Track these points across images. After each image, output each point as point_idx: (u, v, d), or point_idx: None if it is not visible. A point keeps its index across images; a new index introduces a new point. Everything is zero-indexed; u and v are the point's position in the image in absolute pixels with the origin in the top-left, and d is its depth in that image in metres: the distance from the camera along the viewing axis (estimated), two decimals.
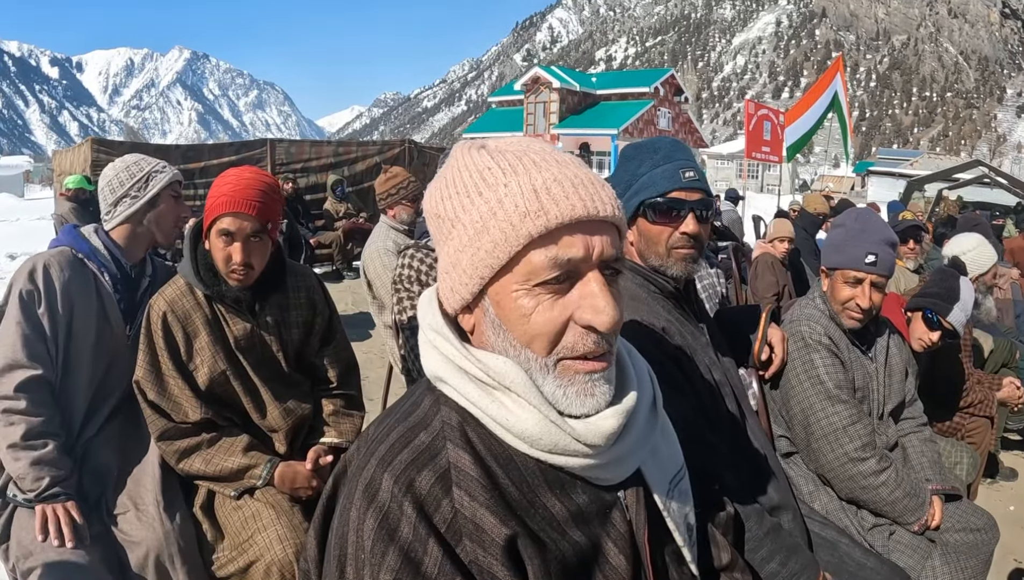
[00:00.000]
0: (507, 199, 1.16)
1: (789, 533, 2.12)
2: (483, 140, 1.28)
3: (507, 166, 1.20)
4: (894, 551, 2.74)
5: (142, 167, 2.95)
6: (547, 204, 1.14)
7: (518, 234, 1.14)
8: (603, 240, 1.19)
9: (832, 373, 2.86)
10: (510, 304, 1.18)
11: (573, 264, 1.16)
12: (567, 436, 1.19)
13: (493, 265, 1.17)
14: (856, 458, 2.77)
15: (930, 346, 3.69)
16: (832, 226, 3.11)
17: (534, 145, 1.26)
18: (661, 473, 1.44)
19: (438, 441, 1.22)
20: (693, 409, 2.01)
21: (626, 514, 1.34)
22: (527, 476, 1.24)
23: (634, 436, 1.31)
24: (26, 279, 2.71)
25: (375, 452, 1.24)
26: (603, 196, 1.20)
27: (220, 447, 2.75)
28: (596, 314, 1.15)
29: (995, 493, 5.48)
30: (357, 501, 1.19)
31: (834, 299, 3.00)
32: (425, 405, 1.30)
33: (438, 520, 1.15)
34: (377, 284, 5.06)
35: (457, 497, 1.17)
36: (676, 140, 2.28)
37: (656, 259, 2.21)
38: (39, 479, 2.56)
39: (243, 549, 2.63)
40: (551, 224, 1.14)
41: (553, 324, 1.16)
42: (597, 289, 1.16)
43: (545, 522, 1.23)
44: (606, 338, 1.19)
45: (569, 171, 1.20)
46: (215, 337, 2.78)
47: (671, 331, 2.11)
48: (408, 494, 1.15)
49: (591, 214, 1.16)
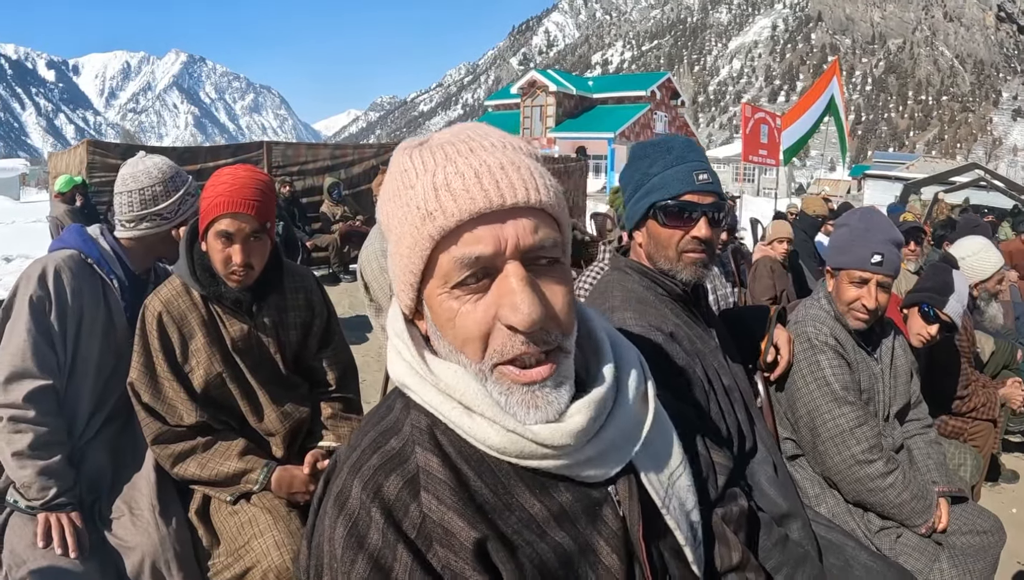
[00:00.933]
0: (412, 202, 1.13)
1: (798, 543, 2.07)
2: (428, 136, 1.23)
3: (420, 165, 1.16)
4: (901, 554, 2.71)
5: (178, 186, 2.92)
6: (445, 202, 1.09)
7: (422, 237, 1.11)
8: (519, 229, 1.11)
9: (838, 374, 2.83)
10: (438, 308, 1.15)
11: (485, 261, 1.10)
12: (531, 443, 1.15)
13: (414, 270, 1.15)
14: (863, 460, 2.74)
15: (929, 340, 3.68)
16: (836, 225, 3.07)
17: (463, 132, 1.21)
18: (657, 467, 1.37)
19: (407, 446, 1.20)
20: (701, 416, 1.96)
21: (618, 510, 1.29)
22: (501, 477, 1.20)
23: (617, 430, 1.26)
24: (36, 284, 2.64)
25: (348, 459, 1.22)
26: (515, 181, 1.11)
27: (216, 451, 2.70)
28: (514, 312, 1.08)
29: (997, 495, 5.46)
30: (329, 510, 1.17)
31: (839, 300, 2.96)
32: (396, 410, 1.28)
33: (407, 525, 1.12)
34: (374, 286, 5.00)
35: (425, 501, 1.14)
36: (689, 140, 2.23)
37: (665, 262, 2.17)
38: (46, 488, 2.52)
39: (239, 555, 2.57)
40: (448, 223, 1.09)
41: (478, 326, 1.11)
42: (515, 284, 1.09)
43: (522, 524, 1.19)
44: (539, 337, 1.11)
45: (476, 160, 1.13)
46: (211, 338, 2.73)
47: (679, 336, 2.06)
48: (376, 500, 1.13)
49: (495, 205, 1.09)
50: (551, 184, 1.17)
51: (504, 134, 1.22)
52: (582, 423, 1.17)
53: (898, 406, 3.11)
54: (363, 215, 13.87)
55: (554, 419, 1.15)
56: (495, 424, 1.15)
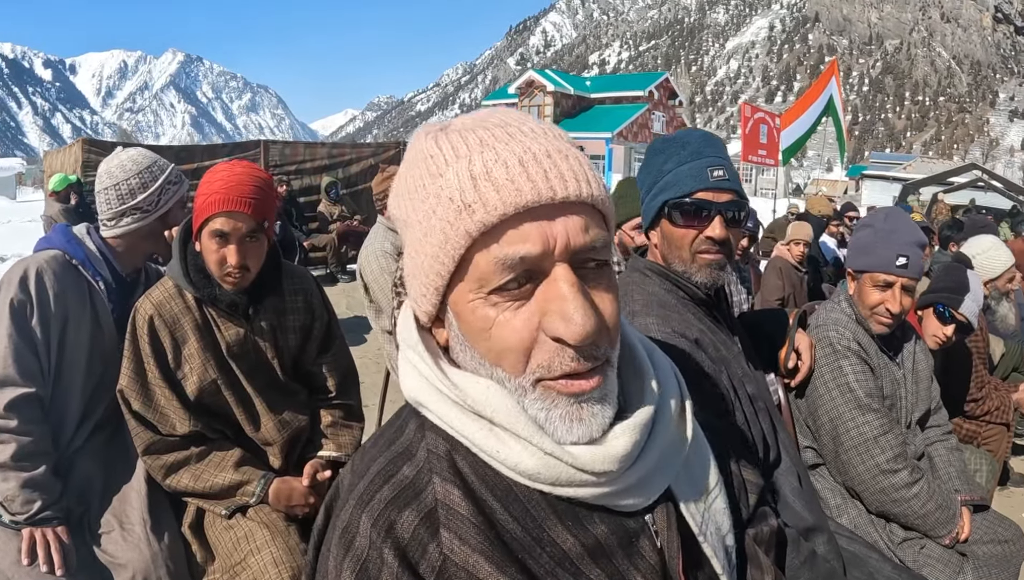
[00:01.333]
0: (444, 192, 0.97)
1: (824, 559, 1.97)
2: (449, 121, 1.08)
3: (450, 151, 1.00)
4: (925, 565, 2.63)
5: (155, 176, 2.77)
6: (486, 193, 0.94)
7: (457, 234, 0.96)
8: (569, 227, 0.96)
9: (862, 381, 2.73)
10: (469, 315, 1.00)
11: (530, 262, 0.95)
12: (569, 468, 1.00)
13: (442, 272, 0.99)
14: (888, 470, 2.65)
15: (945, 342, 3.59)
16: (859, 226, 2.99)
17: (493, 117, 1.05)
18: (694, 490, 1.23)
19: (423, 475, 1.05)
20: (730, 429, 1.85)
21: (655, 541, 1.14)
22: (531, 509, 1.05)
23: (658, 452, 1.12)
24: (17, 288, 2.50)
25: (354, 488, 1.07)
26: (564, 171, 0.97)
27: (210, 462, 2.58)
28: (565, 322, 0.93)
29: (1007, 500, 5.40)
30: (335, 548, 1.02)
31: (862, 304, 2.87)
32: (409, 431, 1.13)
33: (425, 569, 0.97)
34: (374, 287, 4.93)
35: (446, 541, 0.99)
36: (708, 134, 2.12)
37: (679, 264, 2.06)
38: (30, 502, 2.41)
39: (235, 572, 2.45)
40: (491, 218, 0.94)
41: (519, 336, 0.97)
42: (565, 290, 0.94)
43: (554, 562, 1.03)
44: (589, 351, 0.97)
45: (519, 146, 0.98)
46: (205, 343, 2.60)
47: (705, 342, 1.95)
48: (388, 539, 0.98)
49: (545, 198, 0.94)
50: (599, 176, 1.03)
51: (540, 120, 1.07)
52: (626, 447, 1.03)
53: (920, 412, 3.03)
54: (361, 215, 13.83)
55: (597, 437, 1.02)
56: (530, 446, 1.00)
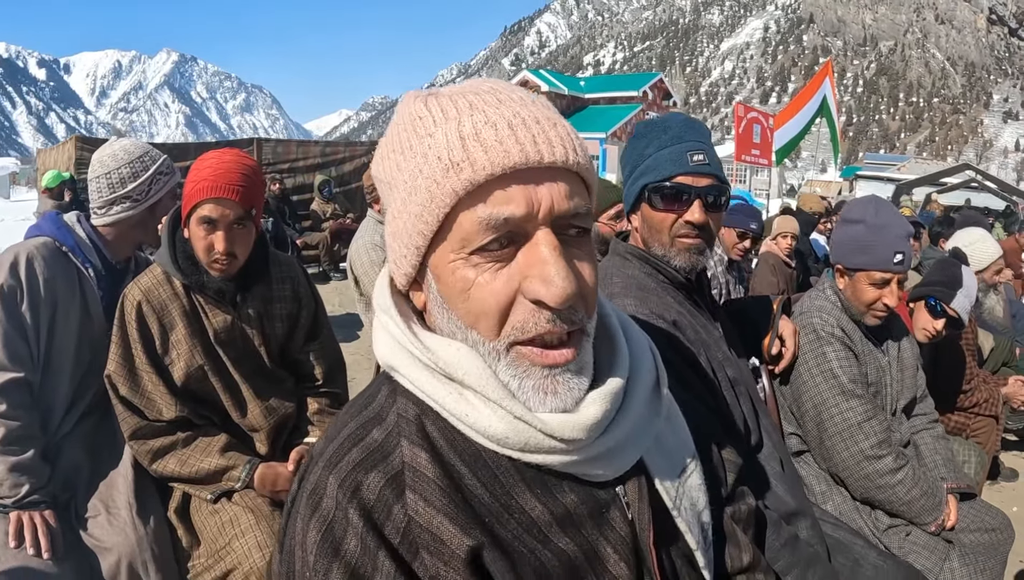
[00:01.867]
0: (431, 152, 0.98)
1: (807, 543, 1.98)
2: (436, 88, 1.09)
3: (439, 112, 1.01)
4: (911, 552, 2.63)
5: (147, 165, 2.78)
6: (474, 152, 0.95)
7: (443, 192, 0.96)
8: (554, 191, 0.98)
9: (846, 367, 2.74)
10: (448, 277, 1.01)
11: (514, 224, 0.96)
12: (539, 434, 1.01)
13: (424, 231, 1.00)
14: (872, 455, 2.65)
15: (935, 335, 3.59)
16: (848, 221, 2.93)
17: (484, 84, 1.06)
18: (668, 465, 1.25)
19: (392, 438, 1.06)
20: (706, 406, 1.86)
21: (626, 512, 1.15)
22: (499, 475, 1.06)
23: (630, 423, 1.12)
24: (7, 273, 2.51)
25: (324, 452, 1.07)
26: (552, 137, 0.98)
27: (196, 447, 2.59)
28: (545, 285, 0.94)
29: (997, 494, 5.40)
30: (302, 510, 1.03)
31: (857, 300, 2.86)
32: (381, 397, 1.13)
33: (389, 530, 0.98)
34: (365, 280, 4.94)
35: (411, 502, 1.00)
36: (690, 119, 2.12)
37: (659, 248, 2.07)
38: (18, 486, 2.42)
39: (220, 556, 2.46)
40: (478, 177, 0.95)
41: (497, 298, 0.98)
42: (547, 253, 0.96)
43: (522, 528, 1.05)
44: (566, 315, 0.98)
45: (508, 110, 0.99)
46: (193, 330, 2.61)
47: (683, 325, 1.96)
48: (354, 500, 0.99)
49: (532, 160, 0.96)
50: (585, 146, 1.04)
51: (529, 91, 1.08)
52: (596, 415, 1.04)
53: (905, 400, 3.03)
54: (354, 213, 13.81)
55: (570, 409, 1.03)
56: (500, 409, 1.01)
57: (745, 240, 5.73)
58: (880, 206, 2.84)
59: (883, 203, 2.88)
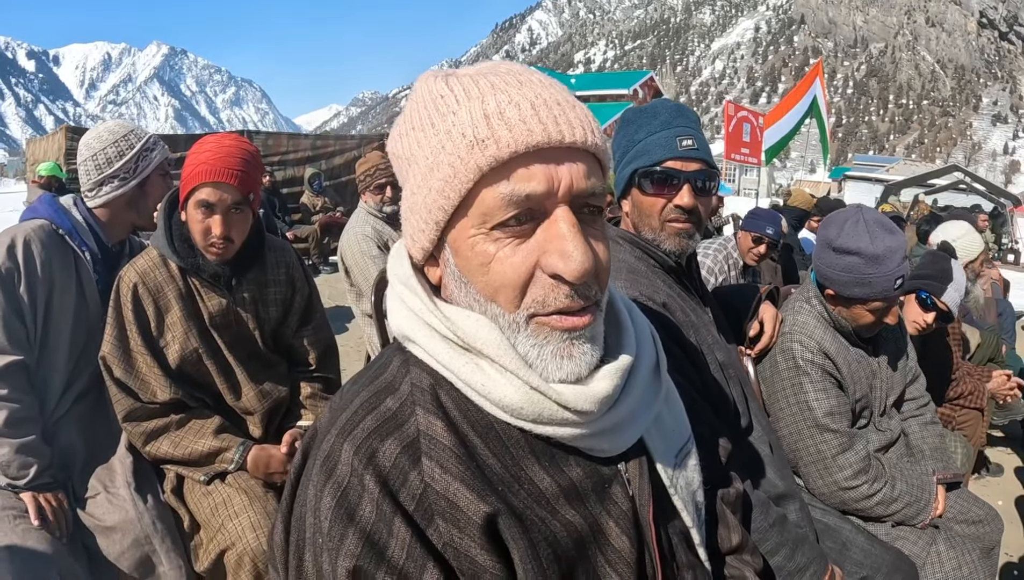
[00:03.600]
0: (455, 128, 1.00)
1: (796, 524, 2.01)
2: (453, 69, 1.12)
3: (461, 92, 1.04)
4: (898, 538, 2.65)
5: (132, 144, 2.77)
6: (498, 130, 0.98)
7: (467, 168, 0.99)
8: (573, 171, 1.01)
9: (822, 399, 2.70)
10: (468, 251, 1.03)
11: (534, 201, 0.99)
12: (553, 404, 1.04)
13: (445, 206, 1.03)
14: (846, 487, 2.64)
15: (925, 328, 3.62)
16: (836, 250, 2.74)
17: (502, 66, 1.09)
18: (666, 444, 1.28)
19: (406, 407, 1.07)
20: (696, 389, 1.89)
21: (627, 489, 1.19)
22: (510, 446, 1.09)
23: (634, 401, 1.16)
24: (5, 255, 2.52)
25: (336, 421, 1.09)
26: (572, 119, 1.02)
27: (189, 429, 2.60)
28: (564, 259, 0.98)
29: (983, 489, 5.44)
30: (315, 476, 1.04)
31: (855, 321, 2.81)
32: (393, 367, 1.15)
33: (405, 496, 1.00)
34: (355, 270, 4.95)
35: (427, 469, 1.01)
36: (680, 105, 2.15)
37: (649, 232, 2.09)
38: (26, 466, 2.44)
39: (213, 537, 2.48)
40: (502, 154, 0.98)
41: (516, 272, 1.01)
42: (565, 229, 0.99)
43: (532, 499, 1.07)
44: (582, 290, 1.02)
45: (531, 91, 1.02)
46: (188, 312, 2.62)
47: (672, 307, 1.99)
48: (370, 466, 1.00)
49: (554, 140, 0.99)
50: (600, 128, 1.07)
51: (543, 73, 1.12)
52: (607, 389, 1.08)
53: (895, 395, 3.02)
54: (344, 207, 13.79)
55: (585, 375, 1.06)
56: (516, 379, 1.04)
57: (760, 245, 5.69)
58: (873, 232, 2.68)
59: (874, 226, 2.70)
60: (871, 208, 2.80)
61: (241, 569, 2.40)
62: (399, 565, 0.96)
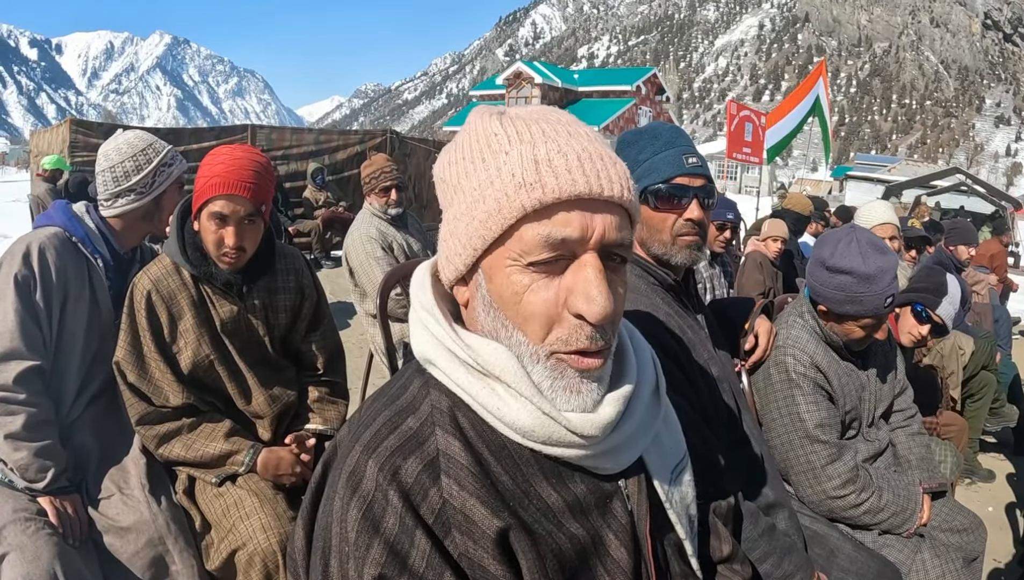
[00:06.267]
0: (505, 168, 1.09)
1: (784, 533, 2.09)
2: (504, 107, 1.22)
3: (514, 133, 1.13)
4: (884, 546, 2.71)
5: (150, 158, 2.82)
6: (546, 176, 1.07)
7: (512, 206, 1.07)
8: (606, 222, 1.10)
9: (813, 411, 2.77)
10: (503, 279, 1.11)
11: (568, 245, 1.08)
12: (562, 428, 1.13)
13: (486, 236, 1.11)
14: (835, 496, 2.71)
15: (919, 340, 3.69)
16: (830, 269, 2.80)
17: (552, 114, 1.18)
18: (663, 461, 1.38)
19: (426, 427, 1.15)
20: (691, 405, 1.96)
21: (627, 504, 1.28)
22: (521, 465, 1.17)
23: (635, 424, 1.25)
24: (21, 263, 2.58)
25: (360, 437, 1.16)
26: (612, 175, 1.11)
27: (201, 432, 2.68)
28: (588, 302, 1.06)
29: (974, 494, 5.53)
30: (341, 490, 1.12)
31: (846, 336, 2.86)
32: (414, 388, 1.23)
33: (425, 511, 1.08)
34: (359, 272, 5.01)
35: (446, 486, 1.10)
36: (675, 126, 2.23)
37: (660, 247, 2.15)
38: (44, 470, 2.49)
39: (224, 537, 2.56)
40: (547, 198, 1.06)
41: (547, 306, 1.09)
42: (592, 275, 1.07)
43: (540, 513, 1.16)
44: (602, 332, 1.11)
45: (578, 144, 1.11)
46: (200, 319, 2.69)
47: (669, 325, 2.06)
48: (394, 483, 1.09)
49: (594, 192, 1.08)
50: (634, 186, 1.17)
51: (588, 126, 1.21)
52: (611, 416, 1.17)
53: (884, 407, 3.08)
54: (346, 201, 13.81)
55: (589, 409, 1.15)
56: (530, 405, 1.13)
57: (725, 231, 5.83)
58: (866, 251, 2.73)
59: (866, 247, 2.76)
60: (864, 229, 2.84)
61: (252, 568, 2.48)
62: (419, 573, 1.05)
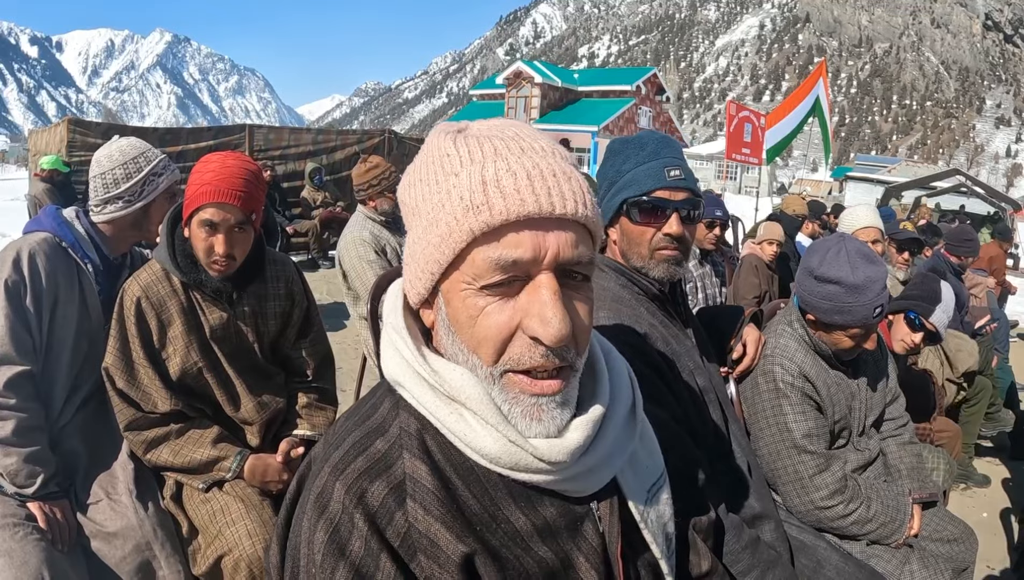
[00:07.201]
0: (455, 190, 1.07)
1: (769, 545, 2.08)
2: (464, 123, 1.19)
3: (466, 154, 1.10)
4: (872, 556, 2.70)
5: (141, 167, 2.83)
6: (493, 198, 1.04)
7: (461, 229, 1.05)
8: (560, 241, 1.06)
9: (800, 421, 2.76)
10: (459, 303, 1.09)
11: (520, 266, 1.05)
12: (528, 455, 1.11)
13: (440, 261, 1.09)
14: (822, 506, 2.71)
15: (912, 348, 3.68)
16: (818, 278, 2.79)
17: (509, 129, 1.15)
18: (639, 482, 1.36)
19: (394, 450, 1.15)
20: (675, 418, 1.95)
21: (598, 526, 1.27)
22: (489, 488, 1.16)
23: (607, 446, 1.23)
24: (11, 268, 2.58)
25: (329, 458, 1.16)
26: (565, 191, 1.07)
27: (189, 438, 2.68)
28: (543, 325, 1.03)
29: (969, 500, 5.51)
30: (309, 511, 1.12)
31: (835, 346, 2.85)
32: (384, 409, 1.22)
33: (391, 534, 1.08)
34: (352, 275, 4.99)
35: (411, 510, 1.09)
36: (665, 136, 2.20)
37: (638, 260, 2.15)
38: (33, 475, 2.50)
39: (211, 543, 2.56)
40: (494, 221, 1.03)
41: (499, 330, 1.07)
42: (547, 296, 1.04)
43: (508, 537, 1.16)
44: (559, 351, 1.07)
45: (529, 161, 1.08)
46: (190, 326, 2.69)
47: (653, 336, 2.05)
48: (360, 506, 1.08)
49: (544, 211, 1.05)
50: (593, 200, 1.14)
51: (550, 139, 1.18)
52: (578, 441, 1.15)
53: (875, 415, 3.08)
54: (344, 201, 13.81)
55: (554, 435, 1.13)
56: (496, 432, 1.11)
57: (714, 228, 5.83)
58: (855, 261, 2.71)
59: (855, 257, 2.73)
60: (853, 238, 2.82)
61: (238, 574, 2.48)
62: None
